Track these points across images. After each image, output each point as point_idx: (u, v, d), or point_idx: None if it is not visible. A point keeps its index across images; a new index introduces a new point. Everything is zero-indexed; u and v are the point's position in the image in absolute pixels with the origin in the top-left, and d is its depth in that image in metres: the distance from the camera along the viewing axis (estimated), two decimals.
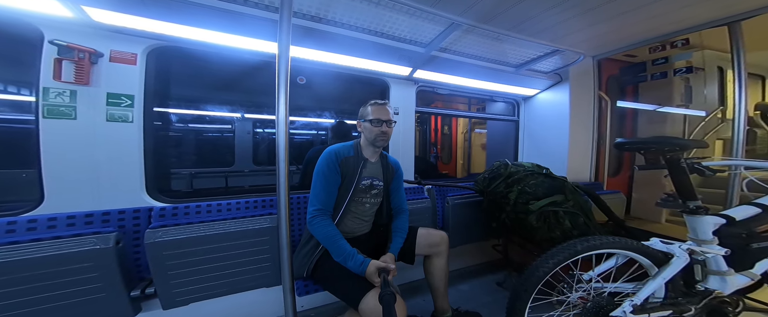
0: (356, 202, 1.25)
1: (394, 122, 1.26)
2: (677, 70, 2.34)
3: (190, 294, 1.17)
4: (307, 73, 1.75)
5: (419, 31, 1.53)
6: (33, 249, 0.90)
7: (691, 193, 1.13)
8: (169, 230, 1.09)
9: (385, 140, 1.25)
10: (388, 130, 1.23)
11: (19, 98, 2.07)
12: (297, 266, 1.20)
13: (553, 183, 1.53)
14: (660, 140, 1.15)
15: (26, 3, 1.05)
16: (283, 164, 0.84)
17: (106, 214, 1.17)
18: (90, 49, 1.18)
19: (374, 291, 0.99)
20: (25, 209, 1.13)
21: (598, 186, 2.47)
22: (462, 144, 4.81)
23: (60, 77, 1.14)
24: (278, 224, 0.86)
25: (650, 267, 1.17)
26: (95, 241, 0.97)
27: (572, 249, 1.11)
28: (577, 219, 1.43)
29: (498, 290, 1.91)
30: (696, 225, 1.15)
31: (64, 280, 0.94)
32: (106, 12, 1.11)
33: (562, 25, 1.59)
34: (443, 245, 1.37)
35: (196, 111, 3.13)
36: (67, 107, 1.18)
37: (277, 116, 0.83)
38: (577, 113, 2.34)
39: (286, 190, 0.84)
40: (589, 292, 1.14)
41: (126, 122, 1.27)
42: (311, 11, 1.33)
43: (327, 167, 1.18)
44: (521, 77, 2.17)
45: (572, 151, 2.35)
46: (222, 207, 1.36)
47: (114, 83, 1.26)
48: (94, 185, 1.23)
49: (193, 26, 1.23)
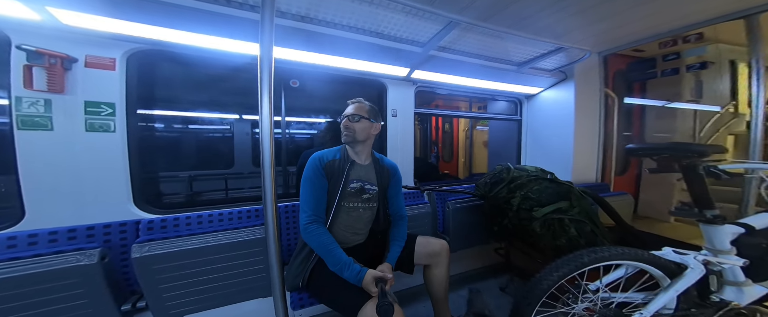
0: (347, 207, 1.20)
1: (359, 116, 1.21)
2: (690, 66, 2.24)
3: (182, 307, 1.14)
4: (302, 76, 1.69)
5: (416, 31, 1.46)
6: (13, 268, 0.87)
7: (709, 201, 1.07)
8: (157, 243, 1.05)
9: (348, 136, 1.21)
10: (350, 125, 1.20)
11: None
12: (291, 277, 1.16)
13: (558, 189, 1.46)
14: (675, 146, 1.08)
15: None
16: (268, 171, 0.78)
17: (91, 228, 1.13)
18: (61, 54, 1.11)
19: (371, 301, 0.96)
20: (4, 226, 1.10)
21: (605, 187, 2.40)
22: (464, 142, 4.75)
23: (31, 85, 1.08)
24: (266, 235, 0.81)
25: (662, 279, 1.11)
26: (78, 258, 0.93)
27: (579, 260, 1.05)
28: (583, 227, 1.37)
29: (501, 295, 1.86)
30: (713, 235, 1.09)
31: (48, 298, 0.91)
32: (75, 14, 1.03)
33: (566, 22, 1.51)
34: (443, 254, 1.33)
35: (191, 113, 3.08)
36: (42, 117, 1.12)
37: (261, 121, 0.79)
38: (583, 111, 2.26)
39: (273, 199, 0.79)
40: (595, 303, 1.09)
41: (108, 132, 1.22)
42: (300, 11, 1.26)
43: (312, 172, 1.16)
44: (524, 76, 2.10)
45: (577, 150, 2.27)
46: (213, 218, 1.32)
47: (92, 91, 1.19)
48: (77, 199, 1.19)
49: (173, 29, 1.16)
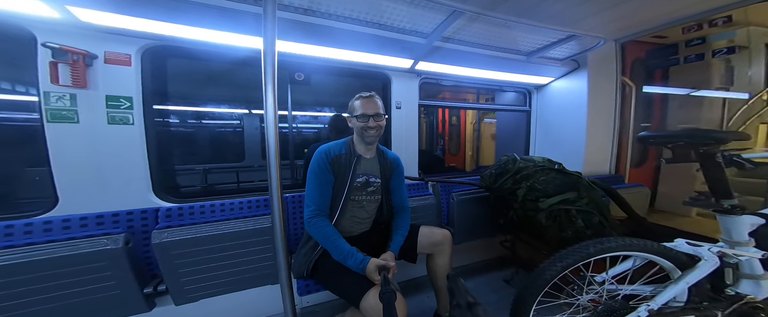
0: (353, 201, 1.23)
1: (384, 115, 1.20)
2: (717, 51, 2.07)
3: (199, 291, 1.22)
4: (307, 70, 1.72)
5: (419, 21, 1.44)
6: (49, 250, 0.95)
7: (727, 191, 1.02)
8: (175, 230, 1.12)
9: (375, 136, 1.20)
10: (376, 124, 1.17)
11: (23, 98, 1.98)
12: (297, 265, 1.21)
13: (565, 179, 1.43)
14: (692, 132, 1.02)
15: (12, 4, 1.03)
16: (273, 163, 0.81)
17: (116, 215, 1.22)
18: (83, 51, 1.17)
19: (375, 289, 0.99)
20: (41, 211, 1.20)
21: (619, 179, 2.31)
22: (471, 135, 4.68)
23: (58, 81, 1.15)
24: (273, 224, 0.84)
25: (672, 270, 1.08)
26: (106, 242, 1.02)
27: (583, 251, 1.04)
28: (591, 218, 1.34)
29: (505, 287, 1.86)
30: (730, 226, 1.04)
31: (80, 278, 1.00)
32: (91, 12, 1.07)
33: (579, 8, 1.42)
34: (446, 244, 1.34)
35: (202, 108, 3.15)
36: (69, 110, 1.20)
37: (266, 114, 0.80)
38: (596, 100, 2.16)
39: (278, 189, 0.82)
40: (600, 294, 1.08)
41: (127, 125, 1.29)
42: (303, 4, 1.27)
43: (318, 167, 1.17)
44: (533, 65, 2.02)
45: (590, 142, 2.19)
46: (225, 207, 1.39)
47: (111, 85, 1.26)
48: (103, 188, 1.27)
49: (178, 24, 1.20)
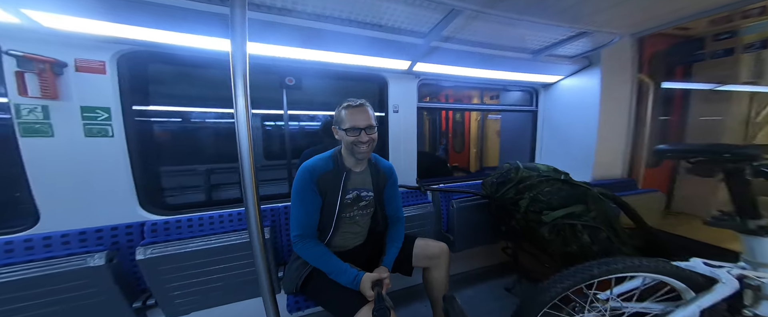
0: (345, 217, 1.18)
1: (374, 125, 1.09)
2: (749, 46, 1.86)
3: (189, 304, 1.20)
4: (299, 74, 1.64)
5: (416, 21, 1.33)
6: (30, 270, 0.93)
7: (755, 210, 0.92)
8: (160, 246, 1.09)
9: (367, 151, 1.10)
10: (368, 138, 1.07)
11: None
12: (287, 281, 1.18)
13: (571, 191, 1.33)
14: (715, 148, 0.91)
15: None
16: (248, 173, 0.71)
17: (99, 231, 1.18)
18: (50, 58, 1.08)
19: (368, 305, 0.97)
20: (21, 228, 1.16)
21: (631, 183, 2.18)
22: (475, 132, 4.56)
23: (26, 92, 1.06)
24: (251, 239, 0.74)
25: (685, 291, 0.99)
26: (87, 260, 0.99)
27: (587, 272, 0.96)
28: (598, 234, 1.24)
29: (506, 295, 1.81)
30: (756, 247, 0.95)
31: (65, 296, 0.99)
32: (52, 15, 0.97)
33: (591, 3, 1.27)
34: (443, 257, 1.29)
35: (189, 115, 3.11)
36: (42, 124, 1.12)
37: (237, 121, 0.68)
38: (609, 99, 2.01)
39: (254, 201, 0.71)
40: (604, 314, 1.00)
41: (107, 137, 1.22)
42: (276, 3, 1.13)
43: (302, 188, 1.09)
44: (540, 64, 1.88)
45: (601, 143, 2.05)
46: (214, 219, 1.35)
47: (86, 96, 1.17)
48: (86, 203, 1.22)
49: (152, 28, 1.10)
